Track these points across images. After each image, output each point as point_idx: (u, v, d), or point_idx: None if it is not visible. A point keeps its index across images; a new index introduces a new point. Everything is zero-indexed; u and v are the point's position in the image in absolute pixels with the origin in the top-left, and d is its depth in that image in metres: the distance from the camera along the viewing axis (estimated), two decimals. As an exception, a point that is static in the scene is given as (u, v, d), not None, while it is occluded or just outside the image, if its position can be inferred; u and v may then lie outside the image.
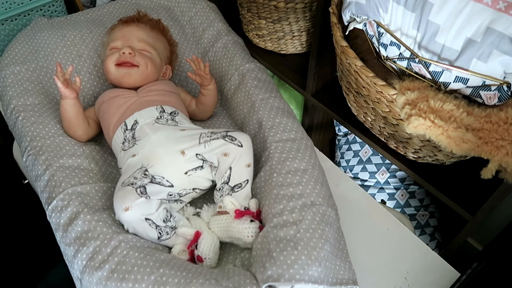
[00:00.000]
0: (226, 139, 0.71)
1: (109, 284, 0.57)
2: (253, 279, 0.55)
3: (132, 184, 0.64)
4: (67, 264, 0.63)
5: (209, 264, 0.64)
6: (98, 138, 0.85)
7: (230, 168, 0.70)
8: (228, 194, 0.69)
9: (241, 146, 0.71)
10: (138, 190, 0.63)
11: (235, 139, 0.71)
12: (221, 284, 0.55)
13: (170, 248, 0.67)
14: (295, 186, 0.65)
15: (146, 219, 0.63)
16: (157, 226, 0.64)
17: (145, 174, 0.66)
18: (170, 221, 0.66)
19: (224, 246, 0.69)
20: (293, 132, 0.75)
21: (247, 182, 0.71)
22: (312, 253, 0.56)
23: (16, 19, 1.04)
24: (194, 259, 0.65)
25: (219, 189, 0.71)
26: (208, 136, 0.72)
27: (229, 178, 0.70)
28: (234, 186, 0.70)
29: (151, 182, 0.66)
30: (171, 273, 0.57)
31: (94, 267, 0.59)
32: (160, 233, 0.65)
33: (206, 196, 0.78)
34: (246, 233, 0.63)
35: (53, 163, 0.71)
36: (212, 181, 0.75)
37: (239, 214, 0.66)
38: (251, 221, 0.65)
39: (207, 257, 0.64)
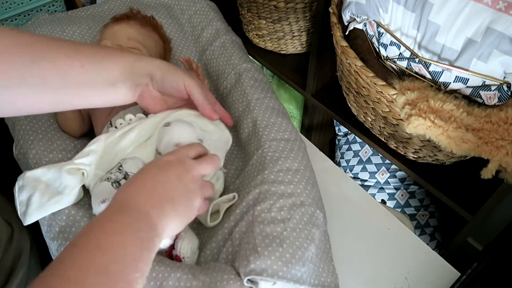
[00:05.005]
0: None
1: None
2: (231, 273, 0.55)
3: (108, 179, 0.65)
4: (52, 258, 0.63)
5: (188, 263, 0.63)
6: (92, 134, 0.85)
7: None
8: None
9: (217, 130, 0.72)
10: (114, 184, 0.64)
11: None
12: (198, 278, 0.55)
13: None
14: (286, 185, 0.65)
15: None
16: None
17: (119, 169, 0.66)
18: None
19: (204, 243, 0.68)
20: (287, 132, 0.75)
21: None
22: (296, 252, 0.56)
23: (16, 19, 1.04)
24: (171, 258, 0.64)
25: None
26: None
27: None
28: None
29: (124, 178, 0.66)
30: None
31: None
32: None
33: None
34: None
35: (42, 158, 0.71)
36: None
37: None
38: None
39: (185, 256, 0.63)
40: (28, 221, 0.62)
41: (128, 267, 0.39)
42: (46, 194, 0.63)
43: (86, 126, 0.82)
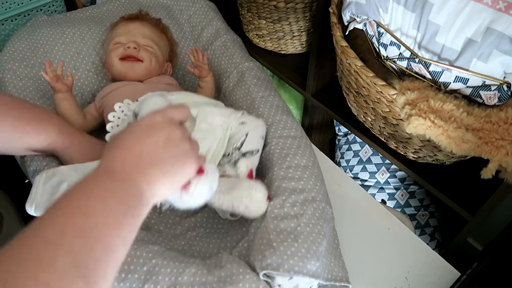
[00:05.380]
0: (244, 113, 0.74)
1: None
2: (246, 268, 0.56)
3: None
4: None
5: (209, 176, 0.54)
6: (97, 135, 0.85)
7: (247, 134, 0.69)
8: (237, 159, 0.67)
9: (258, 118, 0.73)
10: None
11: (252, 114, 0.74)
12: (213, 273, 0.55)
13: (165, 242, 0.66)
14: (297, 181, 0.65)
15: None
16: None
17: None
18: None
19: (221, 236, 0.69)
20: (293, 130, 0.76)
21: (258, 152, 0.70)
22: (311, 247, 0.56)
23: (16, 19, 1.04)
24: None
25: (229, 154, 0.68)
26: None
27: (242, 144, 0.68)
28: (246, 152, 0.68)
29: None
30: (164, 263, 0.57)
31: None
32: None
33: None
34: (257, 188, 0.61)
35: (49, 160, 0.71)
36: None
37: (251, 175, 0.65)
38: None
39: (210, 170, 0.54)
40: (40, 209, 0.62)
41: (109, 232, 0.39)
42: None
43: (89, 124, 0.82)
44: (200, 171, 0.53)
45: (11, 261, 0.33)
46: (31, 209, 0.61)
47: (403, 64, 0.70)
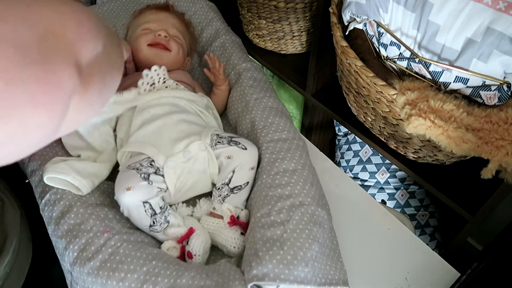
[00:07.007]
0: (231, 143, 0.72)
1: (101, 274, 0.57)
2: (242, 275, 0.56)
3: (137, 169, 0.66)
4: (58, 257, 0.64)
5: (198, 261, 0.64)
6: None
7: (233, 171, 0.71)
8: (226, 195, 0.70)
9: (245, 149, 0.72)
10: (142, 175, 0.65)
11: (239, 143, 0.72)
12: (211, 278, 0.55)
13: (161, 244, 0.68)
14: (284, 187, 0.65)
15: (144, 203, 0.64)
16: (153, 213, 0.64)
17: (151, 165, 0.67)
18: (166, 210, 0.67)
19: (214, 246, 0.69)
20: (284, 132, 0.75)
21: (247, 184, 0.71)
22: (298, 253, 0.56)
23: (16, 19, 1.04)
24: (184, 256, 0.65)
25: (218, 189, 0.71)
26: (214, 140, 0.73)
27: (230, 180, 0.71)
28: (234, 187, 0.70)
29: (155, 173, 0.67)
30: (164, 265, 0.57)
31: (86, 257, 0.59)
32: (154, 222, 0.65)
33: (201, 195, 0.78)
34: (233, 243, 0.65)
35: (48, 158, 0.71)
36: (214, 184, 0.75)
37: (233, 222, 0.66)
38: (241, 233, 0.66)
39: (197, 253, 0.64)
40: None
41: None
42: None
43: None
44: (191, 230, 0.66)
45: None
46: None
47: (403, 64, 0.70)
